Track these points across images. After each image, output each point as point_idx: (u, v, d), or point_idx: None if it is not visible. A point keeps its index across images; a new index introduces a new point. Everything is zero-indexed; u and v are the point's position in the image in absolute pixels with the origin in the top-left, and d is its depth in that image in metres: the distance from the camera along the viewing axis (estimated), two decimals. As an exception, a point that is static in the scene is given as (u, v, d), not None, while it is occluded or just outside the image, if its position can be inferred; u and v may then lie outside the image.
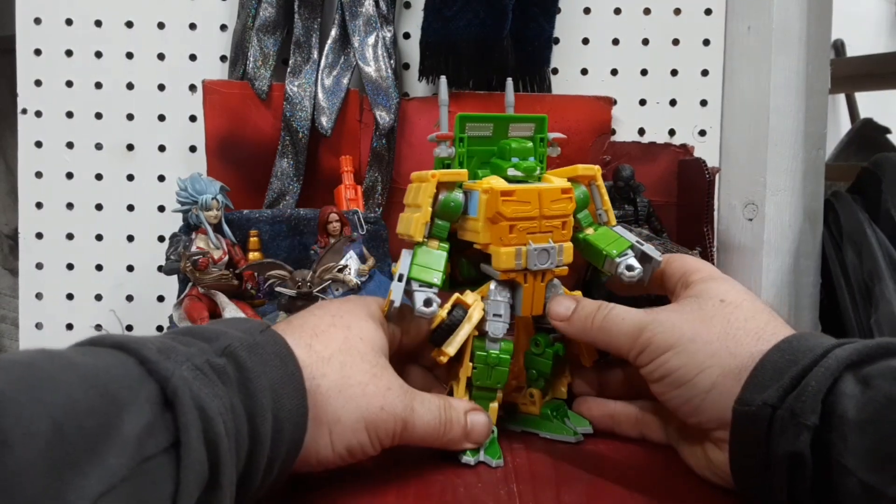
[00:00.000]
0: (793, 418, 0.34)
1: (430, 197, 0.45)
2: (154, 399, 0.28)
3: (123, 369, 0.28)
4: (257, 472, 0.33)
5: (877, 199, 0.76)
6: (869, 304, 0.73)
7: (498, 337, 0.45)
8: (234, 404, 0.31)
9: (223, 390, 0.31)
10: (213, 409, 0.29)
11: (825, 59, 0.70)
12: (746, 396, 0.37)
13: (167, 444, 0.27)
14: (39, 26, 0.74)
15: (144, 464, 0.26)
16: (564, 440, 0.48)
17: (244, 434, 0.31)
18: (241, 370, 0.33)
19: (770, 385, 0.36)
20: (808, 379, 0.35)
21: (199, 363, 0.31)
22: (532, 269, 0.45)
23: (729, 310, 0.41)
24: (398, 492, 0.41)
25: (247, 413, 0.32)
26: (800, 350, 0.37)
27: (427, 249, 0.46)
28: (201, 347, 0.32)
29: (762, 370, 0.37)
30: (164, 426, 0.28)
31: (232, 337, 0.34)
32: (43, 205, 0.75)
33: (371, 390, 0.39)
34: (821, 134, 0.70)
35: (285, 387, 0.34)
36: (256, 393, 0.32)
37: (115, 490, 0.25)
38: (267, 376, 0.34)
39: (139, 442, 0.26)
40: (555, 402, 0.50)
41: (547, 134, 0.49)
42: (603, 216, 0.49)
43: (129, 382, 0.28)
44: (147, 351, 0.29)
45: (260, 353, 0.34)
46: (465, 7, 0.68)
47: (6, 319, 1.17)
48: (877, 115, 1.44)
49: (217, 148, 0.71)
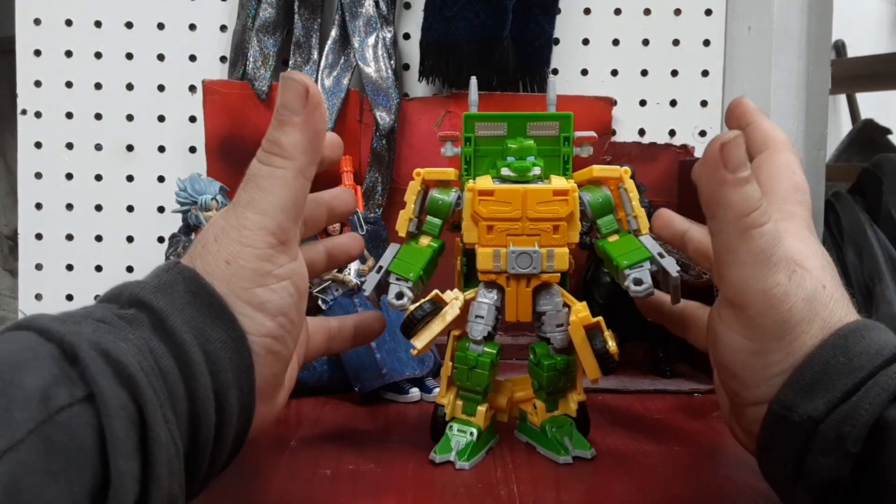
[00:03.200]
0: (838, 442, 0.31)
1: (414, 194, 0.46)
2: (56, 356, 0.27)
3: (21, 341, 0.28)
4: (206, 406, 0.31)
5: (877, 199, 0.76)
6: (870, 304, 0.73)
7: (476, 339, 0.45)
8: (151, 346, 0.30)
9: (135, 334, 0.30)
10: (119, 351, 0.28)
11: (826, 59, 0.69)
12: (788, 398, 0.33)
13: (82, 396, 0.27)
14: (39, 27, 0.74)
15: (56, 415, 0.25)
16: (553, 459, 0.45)
17: (174, 373, 0.30)
18: (151, 313, 0.31)
19: (817, 391, 0.32)
20: (862, 398, 0.31)
21: (101, 317, 0.30)
22: (511, 272, 0.44)
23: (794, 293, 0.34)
24: (398, 492, 0.40)
25: (171, 352, 0.31)
26: (856, 352, 0.32)
27: (414, 245, 0.46)
28: (106, 306, 0.32)
29: (809, 367, 0.33)
30: (72, 378, 0.27)
31: (137, 285, 0.33)
32: (42, 205, 0.75)
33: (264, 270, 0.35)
34: (821, 134, 0.70)
35: (205, 317, 0.33)
36: (174, 330, 0.31)
37: (23, 443, 0.24)
38: (181, 312, 0.32)
39: (45, 395, 0.26)
40: (561, 419, 0.47)
41: (573, 133, 0.47)
42: (633, 223, 0.46)
43: (26, 346, 0.27)
44: (41, 321, 0.29)
45: (168, 292, 0.32)
46: (465, 7, 0.68)
47: (6, 320, 1.17)
48: (878, 116, 1.44)
49: (217, 148, 0.71)
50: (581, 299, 0.46)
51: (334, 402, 0.57)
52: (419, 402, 0.57)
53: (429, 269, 0.46)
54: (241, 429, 0.34)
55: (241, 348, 0.34)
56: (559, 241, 0.44)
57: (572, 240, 0.45)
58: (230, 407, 0.33)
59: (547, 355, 0.46)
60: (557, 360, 0.46)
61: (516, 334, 0.65)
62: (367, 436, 0.50)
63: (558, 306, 0.45)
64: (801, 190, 0.40)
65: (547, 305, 0.45)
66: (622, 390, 0.60)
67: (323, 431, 0.51)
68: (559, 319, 0.45)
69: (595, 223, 0.46)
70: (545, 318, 0.45)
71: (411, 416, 0.54)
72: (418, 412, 0.55)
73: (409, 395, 0.57)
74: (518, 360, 0.57)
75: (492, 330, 0.45)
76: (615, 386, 0.60)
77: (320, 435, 0.50)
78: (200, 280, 0.34)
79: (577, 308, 0.44)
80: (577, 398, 0.47)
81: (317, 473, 0.43)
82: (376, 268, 0.45)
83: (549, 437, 0.46)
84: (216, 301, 0.33)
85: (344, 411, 0.55)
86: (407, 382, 0.57)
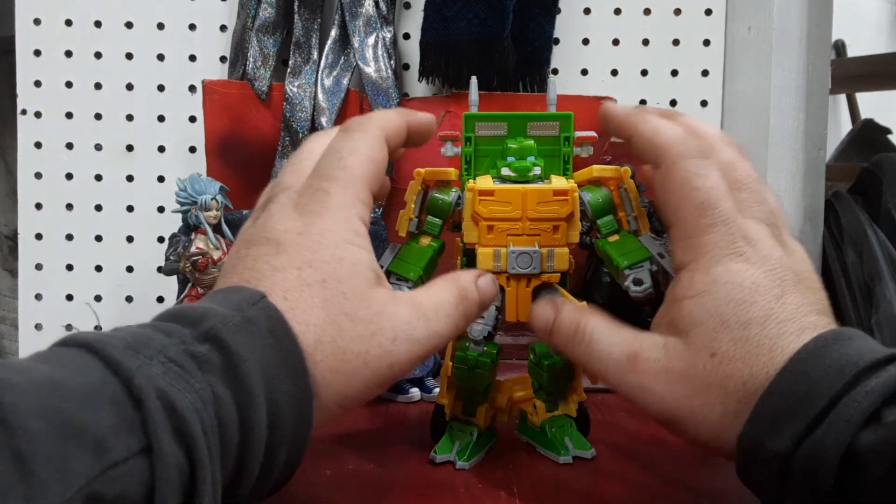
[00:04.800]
0: (810, 479, 0.29)
1: (414, 194, 0.46)
2: (119, 399, 0.26)
3: (87, 373, 0.26)
4: (254, 460, 0.30)
5: (877, 199, 0.76)
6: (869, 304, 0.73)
7: (476, 339, 0.45)
8: (217, 394, 0.28)
9: (202, 381, 0.28)
10: (184, 406, 0.26)
11: (826, 59, 0.69)
12: (754, 434, 0.32)
13: (138, 449, 0.25)
14: (39, 27, 0.74)
15: (110, 470, 0.24)
16: (553, 459, 0.45)
17: (233, 425, 0.29)
18: (226, 355, 0.29)
19: (781, 424, 0.30)
20: (826, 432, 0.29)
21: (173, 354, 0.28)
22: (511, 272, 0.44)
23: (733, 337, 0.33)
24: (398, 492, 0.40)
25: (236, 401, 0.29)
26: (816, 376, 0.30)
27: (415, 245, 0.46)
28: (181, 335, 0.29)
29: (770, 401, 0.31)
30: (132, 428, 0.25)
31: (217, 317, 0.30)
32: (42, 206, 0.75)
33: (373, 356, 0.34)
34: (821, 134, 0.70)
35: (281, 368, 0.31)
36: (245, 378, 0.29)
37: (71, 502, 0.23)
38: (257, 357, 0.30)
39: (102, 445, 0.24)
40: (561, 419, 0.48)
41: (573, 133, 0.47)
42: (633, 223, 0.46)
43: (91, 382, 0.26)
44: (111, 349, 0.27)
45: (249, 332, 0.30)
46: (465, 7, 0.68)
47: (5, 321, 1.17)
48: (878, 116, 1.43)
49: (217, 148, 0.71)
50: (581, 299, 0.45)
51: (334, 402, 0.57)
52: (419, 402, 0.57)
53: (429, 269, 0.46)
54: (280, 482, 0.33)
55: (305, 406, 0.32)
56: (559, 242, 0.44)
57: (572, 240, 0.44)
58: (276, 463, 0.31)
59: (547, 355, 0.46)
60: (557, 360, 0.46)
61: (516, 334, 0.65)
62: (367, 436, 0.50)
63: None
64: (710, 206, 0.35)
65: None
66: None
67: (323, 432, 0.50)
68: None
69: (595, 223, 0.46)
70: None
71: (411, 416, 0.54)
72: (418, 412, 0.55)
73: (409, 395, 0.57)
74: (518, 360, 0.57)
75: (492, 330, 0.45)
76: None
77: (320, 435, 0.49)
78: (286, 326, 0.32)
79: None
80: (577, 398, 0.47)
81: (317, 473, 0.43)
82: None
83: (549, 437, 0.46)
84: (296, 352, 0.32)
85: (344, 411, 0.55)
86: (407, 382, 0.57)
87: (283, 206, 0.36)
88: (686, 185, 0.36)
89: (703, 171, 0.36)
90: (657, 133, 0.38)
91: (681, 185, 0.36)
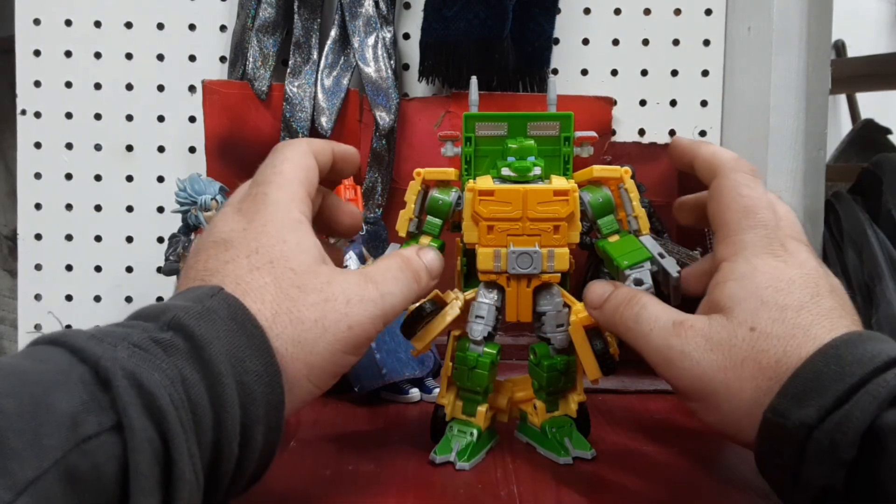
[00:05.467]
0: (832, 449, 0.31)
1: (414, 194, 0.46)
2: (87, 380, 0.27)
3: (54, 359, 0.27)
4: (230, 439, 0.30)
5: (877, 199, 0.76)
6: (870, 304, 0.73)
7: (476, 339, 0.45)
8: (184, 375, 0.29)
9: (168, 362, 0.29)
10: (152, 383, 0.27)
11: (826, 59, 0.69)
12: (781, 406, 0.33)
13: (110, 425, 0.26)
14: (39, 27, 0.74)
15: (83, 444, 0.25)
16: (553, 459, 0.45)
17: (204, 404, 0.29)
18: (190, 340, 0.30)
19: (809, 398, 0.32)
20: (854, 405, 0.30)
21: (137, 340, 0.29)
22: (511, 272, 0.44)
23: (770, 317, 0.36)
24: (398, 492, 0.40)
25: (204, 382, 0.30)
26: (848, 361, 0.32)
27: (415, 245, 0.46)
28: (144, 326, 0.31)
29: (801, 377, 0.33)
30: (102, 405, 0.26)
31: (178, 308, 0.31)
32: (42, 206, 0.75)
33: (330, 321, 0.35)
34: (821, 134, 0.70)
35: (246, 349, 0.32)
36: (211, 360, 0.30)
37: (48, 473, 0.24)
38: (222, 342, 0.31)
39: (74, 421, 0.25)
40: (561, 420, 0.47)
41: (573, 133, 0.47)
42: (633, 223, 0.46)
43: (59, 367, 0.27)
44: (77, 339, 0.28)
45: (211, 319, 0.31)
46: (465, 7, 0.68)
47: (5, 321, 1.17)
48: (878, 116, 1.44)
49: (217, 148, 0.71)
50: (581, 300, 0.46)
51: (334, 403, 0.57)
52: (419, 402, 0.57)
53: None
54: (262, 464, 0.33)
55: (274, 384, 0.33)
56: (560, 242, 0.44)
57: (573, 240, 0.44)
58: (255, 443, 0.32)
59: (547, 355, 0.46)
60: (557, 361, 0.46)
61: (516, 334, 0.64)
62: (367, 436, 0.50)
63: (559, 306, 0.45)
64: (752, 211, 0.39)
65: (547, 306, 0.45)
66: (622, 390, 0.60)
67: (323, 432, 0.51)
68: (559, 320, 0.45)
69: (595, 223, 0.46)
70: (545, 319, 0.45)
71: (411, 416, 0.54)
72: (418, 412, 0.55)
73: (409, 395, 0.57)
74: (518, 360, 0.56)
75: (492, 330, 0.45)
76: (615, 386, 0.60)
77: (320, 435, 0.50)
78: (245, 309, 0.33)
79: (578, 308, 0.44)
80: (578, 398, 0.47)
81: (317, 473, 0.43)
82: None
83: (549, 438, 0.46)
84: (258, 332, 0.33)
85: (344, 412, 0.55)
86: (407, 383, 0.57)
87: (224, 214, 0.39)
88: (734, 191, 0.40)
89: (750, 182, 0.40)
90: (715, 153, 0.42)
91: (729, 191, 0.40)
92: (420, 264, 0.41)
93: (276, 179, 0.39)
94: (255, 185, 0.39)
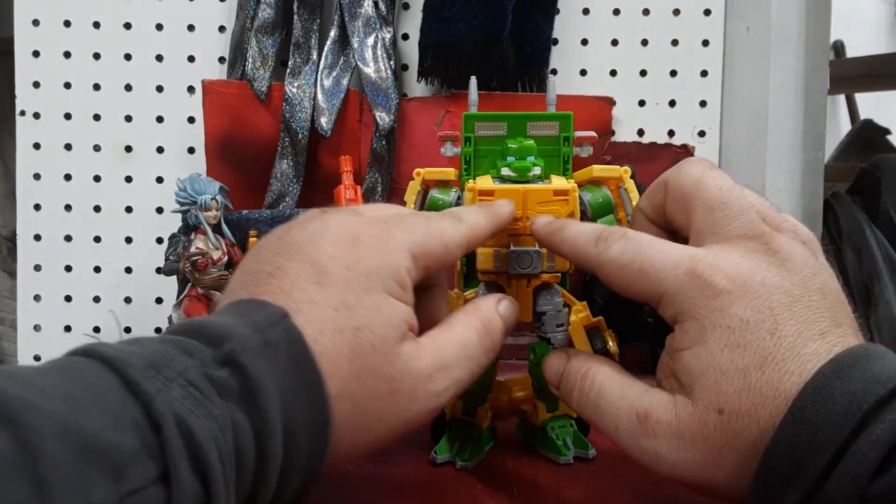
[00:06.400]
0: None
1: (414, 194, 0.46)
2: (139, 422, 0.26)
3: (106, 393, 0.26)
4: (267, 489, 0.30)
5: (876, 200, 0.77)
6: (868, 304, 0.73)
7: None
8: (235, 421, 0.28)
9: (221, 407, 0.28)
10: (203, 435, 0.26)
11: (824, 59, 0.70)
12: (765, 493, 0.31)
13: (155, 476, 0.25)
14: (38, 28, 0.74)
15: (128, 498, 0.24)
16: (553, 459, 0.45)
17: (250, 452, 0.29)
18: (245, 379, 0.29)
19: (790, 484, 0.30)
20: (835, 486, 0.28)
21: (193, 378, 0.28)
22: (511, 272, 0.44)
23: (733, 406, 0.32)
24: (398, 492, 0.40)
25: (253, 428, 0.29)
26: (819, 423, 0.29)
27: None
28: (201, 356, 0.29)
29: (777, 458, 0.30)
30: (151, 453, 0.25)
31: (238, 338, 0.30)
32: (41, 206, 0.75)
33: (390, 413, 0.34)
34: (820, 135, 0.70)
35: (298, 393, 0.30)
36: (263, 405, 0.29)
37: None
38: (275, 382, 0.30)
39: (121, 472, 0.24)
40: (561, 419, 0.47)
41: (572, 133, 0.47)
42: None
43: (110, 405, 0.26)
44: (132, 369, 0.27)
45: (269, 356, 0.30)
46: (464, 8, 0.68)
47: (4, 321, 1.17)
48: (877, 116, 1.44)
49: (216, 148, 0.71)
50: (581, 299, 0.46)
51: (334, 403, 0.56)
52: (419, 402, 0.57)
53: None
54: (299, 491, 0.32)
55: (321, 434, 0.31)
56: None
57: None
58: (288, 492, 0.31)
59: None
60: None
61: (516, 334, 0.64)
62: (366, 436, 0.50)
63: (559, 306, 0.45)
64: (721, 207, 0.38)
65: (547, 305, 0.45)
66: (622, 390, 0.60)
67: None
68: (560, 319, 0.45)
69: (595, 223, 0.46)
70: (545, 318, 0.45)
71: (411, 416, 0.54)
72: (418, 413, 0.55)
73: (408, 395, 0.57)
74: (518, 360, 0.56)
75: None
76: (615, 386, 0.60)
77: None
78: (306, 349, 0.31)
79: (578, 308, 0.44)
80: None
81: (317, 474, 0.43)
82: None
83: (549, 437, 0.46)
84: (315, 378, 0.31)
85: (343, 412, 0.55)
86: (407, 383, 0.57)
87: (342, 226, 0.36)
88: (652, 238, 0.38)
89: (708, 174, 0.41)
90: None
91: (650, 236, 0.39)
92: (499, 327, 0.39)
93: (430, 236, 0.37)
94: (397, 220, 0.37)
